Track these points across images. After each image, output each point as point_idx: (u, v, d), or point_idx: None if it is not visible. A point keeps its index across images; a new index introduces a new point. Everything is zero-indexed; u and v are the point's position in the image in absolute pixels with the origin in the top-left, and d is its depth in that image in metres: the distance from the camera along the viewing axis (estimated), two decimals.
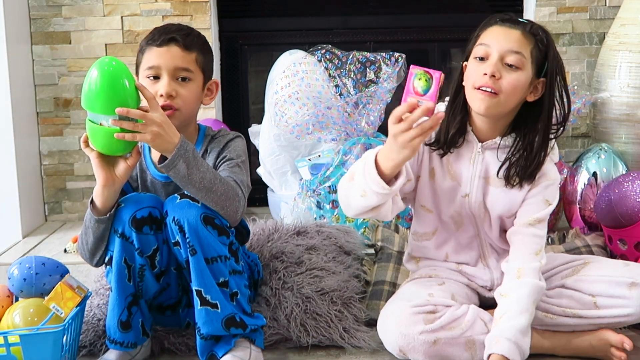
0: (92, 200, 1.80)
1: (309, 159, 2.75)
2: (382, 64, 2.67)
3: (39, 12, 2.93)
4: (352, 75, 2.68)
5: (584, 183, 2.53)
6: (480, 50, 1.80)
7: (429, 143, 1.86)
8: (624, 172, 2.48)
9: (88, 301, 1.98)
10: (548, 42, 1.82)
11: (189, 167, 1.72)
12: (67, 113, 2.97)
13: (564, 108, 1.85)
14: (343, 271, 2.19)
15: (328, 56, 2.72)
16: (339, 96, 2.67)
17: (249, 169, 1.93)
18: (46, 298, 1.81)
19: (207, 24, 2.94)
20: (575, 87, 2.76)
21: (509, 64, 1.77)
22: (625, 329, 1.93)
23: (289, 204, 2.68)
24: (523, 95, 1.81)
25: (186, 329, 1.99)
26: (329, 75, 2.71)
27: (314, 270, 2.14)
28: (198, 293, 1.78)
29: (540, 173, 1.85)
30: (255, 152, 2.87)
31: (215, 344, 1.82)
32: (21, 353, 1.73)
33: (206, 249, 1.76)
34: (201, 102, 1.96)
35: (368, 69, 2.68)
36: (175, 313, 1.99)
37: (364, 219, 2.54)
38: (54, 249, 2.64)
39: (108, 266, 1.85)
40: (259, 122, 2.92)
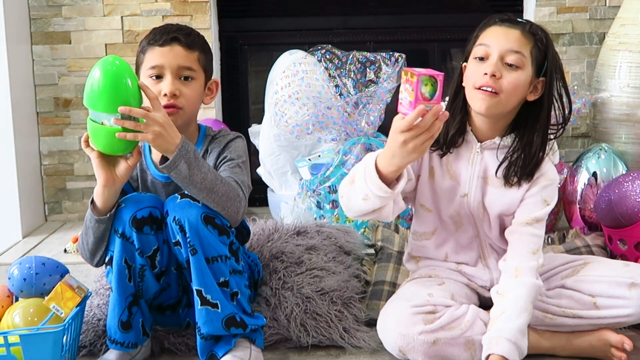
0: (93, 200, 1.81)
1: (309, 159, 2.75)
2: (382, 64, 2.67)
3: (39, 12, 2.93)
4: (352, 75, 2.68)
5: (584, 183, 2.53)
6: (480, 51, 1.80)
7: None
8: (624, 172, 2.48)
9: (88, 301, 1.98)
10: (547, 42, 1.82)
11: (190, 168, 1.72)
12: (67, 113, 2.97)
13: (563, 108, 1.86)
14: (343, 271, 2.19)
15: (328, 56, 2.72)
16: (339, 96, 2.67)
17: (249, 169, 1.93)
18: (46, 298, 1.81)
19: (207, 24, 2.94)
20: (575, 87, 2.76)
21: (509, 64, 1.78)
22: (625, 329, 1.93)
23: (289, 204, 2.68)
24: (523, 94, 1.81)
25: (186, 329, 1.99)
26: (329, 75, 2.71)
27: (314, 270, 2.14)
28: (198, 293, 1.78)
29: (539, 173, 1.85)
30: (255, 152, 2.87)
31: (216, 343, 1.82)
32: (21, 353, 1.73)
33: (207, 248, 1.76)
34: (202, 102, 1.97)
35: (368, 69, 2.68)
36: (175, 313, 1.99)
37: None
38: (54, 249, 2.64)
39: (108, 266, 1.85)
40: (259, 122, 2.92)
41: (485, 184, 1.88)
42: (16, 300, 1.91)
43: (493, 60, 1.78)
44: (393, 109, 1.68)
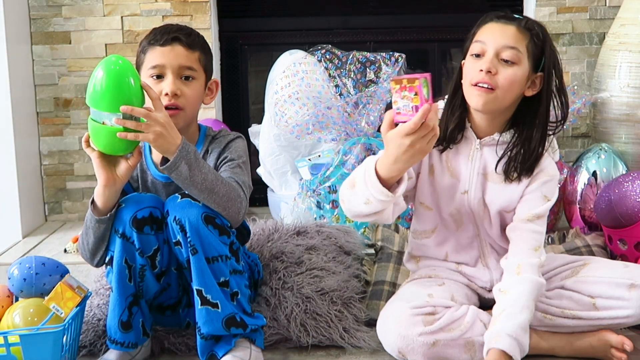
0: (93, 200, 1.81)
1: (309, 159, 2.75)
2: (382, 64, 2.67)
3: (39, 12, 2.93)
4: (352, 75, 2.68)
5: (584, 183, 2.53)
6: (477, 48, 1.81)
7: None
8: (624, 172, 2.48)
9: (88, 301, 1.98)
10: (544, 37, 1.82)
11: (190, 169, 1.73)
12: (67, 113, 2.97)
13: (561, 104, 1.86)
14: (343, 271, 2.19)
15: (328, 56, 2.72)
16: (339, 96, 2.67)
17: (250, 169, 1.94)
18: (46, 298, 1.81)
19: (207, 24, 2.94)
20: (575, 87, 2.76)
21: (505, 60, 1.79)
22: (625, 329, 1.93)
23: (289, 204, 2.68)
24: (520, 90, 1.82)
25: (186, 329, 1.99)
26: (329, 75, 2.71)
27: (314, 270, 2.14)
28: (198, 292, 1.78)
29: (538, 168, 1.85)
30: (255, 152, 2.87)
31: (216, 343, 1.82)
32: (21, 353, 1.73)
33: (207, 248, 1.76)
34: (202, 102, 1.97)
35: (368, 69, 2.68)
36: (176, 313, 1.99)
37: None
38: (54, 249, 2.64)
39: (108, 266, 1.85)
40: (259, 122, 2.92)
41: (486, 180, 1.88)
42: (16, 300, 1.91)
43: (489, 56, 1.78)
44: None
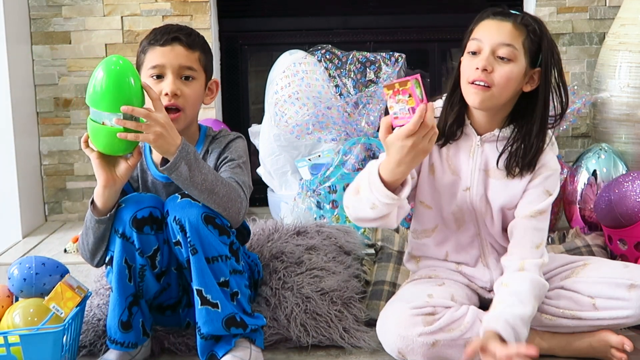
0: (93, 200, 1.81)
1: (309, 159, 2.74)
2: (382, 64, 2.67)
3: (39, 12, 2.93)
4: (352, 75, 2.68)
5: (584, 183, 2.53)
6: (473, 45, 1.82)
7: None
8: (624, 172, 2.48)
9: (88, 301, 1.98)
10: (541, 32, 1.82)
11: (190, 170, 1.73)
12: (67, 113, 2.97)
13: (561, 98, 1.86)
14: (343, 271, 2.18)
15: (328, 56, 2.72)
16: (339, 96, 2.67)
17: (250, 169, 1.94)
18: (46, 298, 1.81)
19: (207, 24, 2.94)
20: (575, 87, 2.76)
21: (501, 57, 1.79)
22: (625, 329, 1.93)
23: (289, 204, 2.68)
24: (517, 86, 1.82)
25: (186, 329, 1.99)
26: (329, 75, 2.71)
27: (314, 270, 2.14)
28: (199, 292, 1.78)
29: (540, 163, 1.85)
30: (255, 152, 2.87)
31: (216, 343, 1.82)
32: (21, 353, 1.73)
33: (207, 248, 1.76)
34: (202, 102, 1.97)
35: (368, 69, 2.68)
36: (176, 313, 1.99)
37: None
38: (54, 249, 2.64)
39: (108, 266, 1.85)
40: (259, 122, 2.92)
41: (487, 176, 1.88)
42: (16, 300, 1.91)
43: (484, 54, 1.79)
44: None
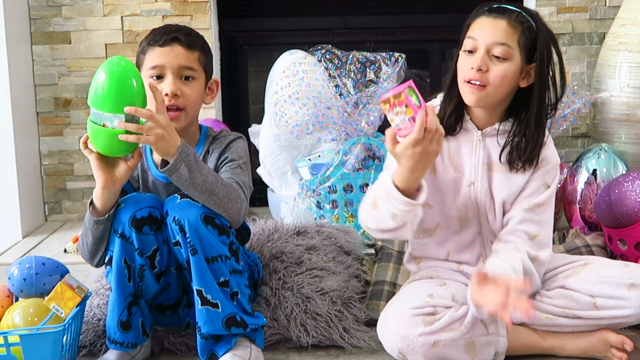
0: (92, 201, 1.81)
1: (309, 159, 2.74)
2: (382, 64, 2.66)
3: (39, 12, 2.93)
4: (352, 75, 2.68)
5: (584, 183, 2.53)
6: (469, 44, 1.83)
7: None
8: (624, 172, 2.48)
9: (88, 301, 1.98)
10: (537, 28, 1.82)
11: (191, 171, 1.73)
12: (67, 113, 2.97)
13: (556, 89, 1.86)
14: (343, 271, 2.18)
15: (328, 56, 2.71)
16: (339, 96, 2.67)
17: (251, 170, 1.94)
18: (46, 298, 1.81)
19: (207, 24, 2.94)
20: (575, 87, 2.76)
21: (496, 56, 1.80)
22: (625, 329, 1.93)
23: (289, 204, 2.68)
24: (513, 83, 1.83)
25: (186, 329, 1.99)
26: (329, 75, 2.71)
27: (314, 270, 2.14)
28: (199, 292, 1.78)
29: (541, 156, 1.86)
30: (255, 152, 2.87)
31: (216, 343, 1.82)
32: (21, 353, 1.73)
33: (207, 248, 1.76)
34: (203, 102, 1.97)
35: (368, 69, 2.67)
36: (175, 313, 1.99)
37: None
38: (54, 249, 2.64)
39: (108, 266, 1.85)
40: (259, 122, 2.92)
41: (490, 170, 1.89)
42: (16, 300, 1.91)
43: (479, 54, 1.80)
44: None
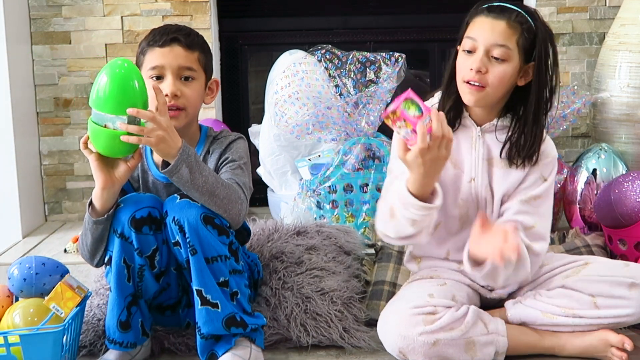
0: (91, 202, 1.80)
1: (309, 159, 2.74)
2: (382, 64, 2.66)
3: (39, 12, 2.93)
4: (352, 75, 2.68)
5: (584, 183, 2.53)
6: (468, 44, 1.83)
7: None
8: (624, 172, 2.48)
9: (88, 301, 1.98)
10: (536, 27, 1.83)
11: (191, 172, 1.73)
12: (67, 113, 2.97)
13: (552, 86, 1.87)
14: (343, 271, 2.18)
15: (328, 56, 2.71)
16: (339, 96, 2.67)
17: (251, 170, 1.94)
18: (46, 298, 1.81)
19: (207, 24, 2.94)
20: (575, 87, 2.76)
21: (495, 57, 1.80)
22: (625, 329, 1.93)
23: (289, 204, 2.68)
24: (511, 83, 1.84)
25: (186, 329, 1.99)
26: (329, 75, 2.71)
27: (314, 270, 2.14)
28: (198, 293, 1.78)
29: (540, 151, 1.88)
30: (255, 152, 2.87)
31: (216, 343, 1.82)
32: (21, 353, 1.73)
33: (206, 248, 1.76)
34: (203, 102, 1.97)
35: (368, 69, 2.67)
36: (175, 313, 1.99)
37: (364, 218, 2.54)
38: (54, 249, 2.64)
39: (108, 266, 1.85)
40: (259, 122, 2.92)
41: (490, 165, 1.90)
42: (16, 300, 1.91)
43: (479, 55, 1.81)
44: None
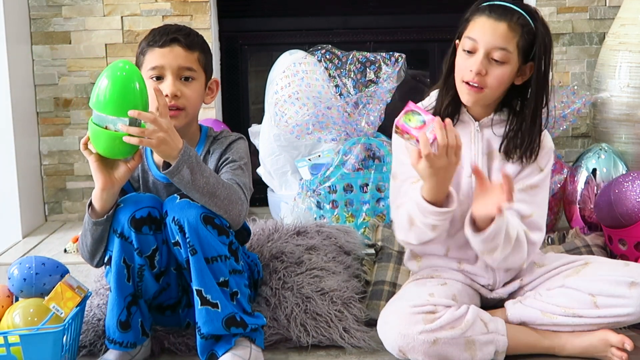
0: (90, 202, 1.80)
1: (309, 159, 2.74)
2: (382, 64, 2.66)
3: (39, 12, 2.92)
4: (352, 75, 2.68)
5: (584, 183, 2.53)
6: (468, 44, 1.84)
7: None
8: (624, 172, 2.48)
9: (88, 301, 1.98)
10: (536, 28, 1.83)
11: (192, 173, 1.73)
12: (67, 113, 2.97)
13: (549, 84, 1.88)
14: (343, 271, 2.19)
15: (328, 56, 2.71)
16: (339, 96, 2.67)
17: (251, 171, 1.94)
18: (46, 298, 1.81)
19: (207, 24, 2.94)
20: (575, 87, 2.76)
21: (495, 59, 1.81)
22: (625, 329, 1.93)
23: (289, 204, 2.68)
24: (509, 83, 1.86)
25: (186, 329, 1.99)
26: (329, 75, 2.71)
27: (314, 270, 2.14)
28: (198, 293, 1.78)
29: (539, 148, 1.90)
30: (255, 152, 2.87)
31: (216, 343, 1.82)
32: (21, 353, 1.73)
33: (206, 248, 1.76)
34: (203, 102, 1.97)
35: (368, 69, 2.67)
36: (175, 313, 1.99)
37: (364, 218, 2.54)
38: (54, 249, 2.64)
39: (108, 266, 1.85)
40: (259, 122, 2.92)
41: (490, 159, 1.91)
42: (16, 300, 1.91)
43: (479, 57, 1.81)
44: (393, 109, 1.70)
